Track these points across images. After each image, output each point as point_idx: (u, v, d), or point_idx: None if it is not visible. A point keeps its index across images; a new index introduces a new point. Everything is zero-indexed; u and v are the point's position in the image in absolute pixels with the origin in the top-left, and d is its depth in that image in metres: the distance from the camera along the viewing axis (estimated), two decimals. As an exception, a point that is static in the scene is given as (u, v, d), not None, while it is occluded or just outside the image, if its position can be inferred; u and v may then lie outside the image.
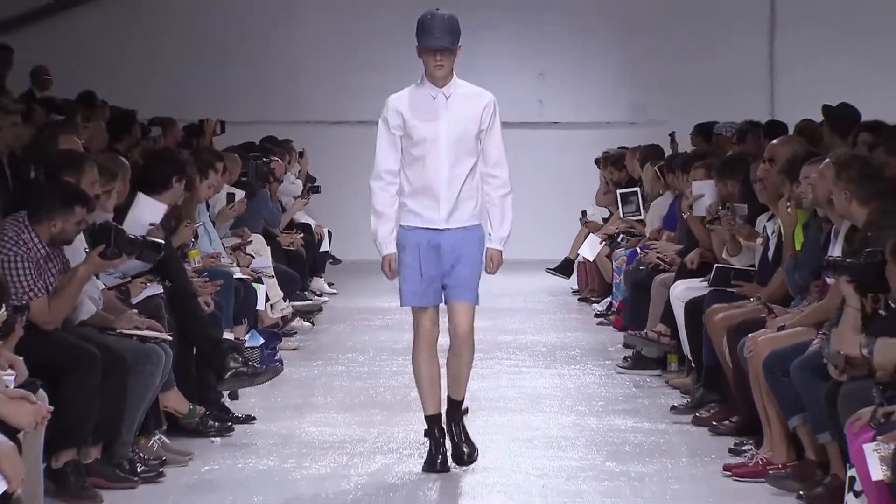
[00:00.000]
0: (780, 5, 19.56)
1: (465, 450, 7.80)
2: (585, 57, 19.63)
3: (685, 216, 10.88)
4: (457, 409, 7.95)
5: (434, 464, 7.70)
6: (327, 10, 19.36)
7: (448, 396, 7.93)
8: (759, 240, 9.47)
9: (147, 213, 9.23)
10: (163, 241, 8.55)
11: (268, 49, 19.55)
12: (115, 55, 18.53)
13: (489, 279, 7.96)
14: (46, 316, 7.27)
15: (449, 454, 7.77)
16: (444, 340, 8.03)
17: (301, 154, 16.86)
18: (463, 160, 7.67)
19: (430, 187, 7.67)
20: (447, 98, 7.67)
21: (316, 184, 16.64)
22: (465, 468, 7.79)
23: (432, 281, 7.72)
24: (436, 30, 7.57)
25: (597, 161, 16.56)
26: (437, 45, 7.55)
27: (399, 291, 7.79)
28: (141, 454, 7.83)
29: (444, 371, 7.93)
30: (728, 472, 7.79)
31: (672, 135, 15.81)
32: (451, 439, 7.83)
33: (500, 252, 7.82)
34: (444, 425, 7.87)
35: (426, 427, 7.81)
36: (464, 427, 7.88)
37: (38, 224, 7.40)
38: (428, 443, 7.78)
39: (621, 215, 14.64)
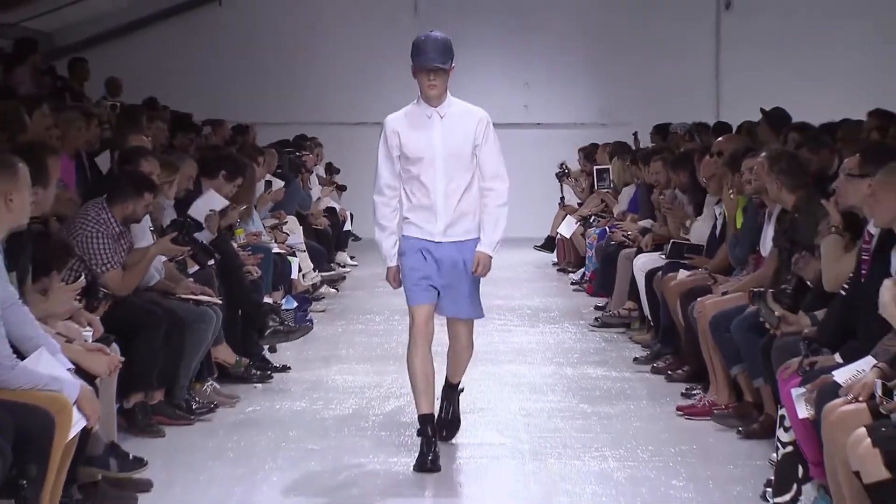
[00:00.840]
0: (724, 27, 19.51)
1: (447, 425, 7.11)
2: (563, 69, 19.55)
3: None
4: (453, 389, 7.18)
5: (424, 463, 6.57)
6: (347, 30, 19.29)
7: (446, 378, 7.13)
8: (689, 221, 9.55)
9: (212, 202, 9.37)
10: (214, 251, 8.66)
11: (298, 62, 19.46)
12: (174, 68, 18.47)
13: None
14: (120, 285, 7.32)
15: (439, 454, 6.67)
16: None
17: (337, 184, 16.72)
18: (458, 176, 6.64)
19: (427, 202, 6.63)
20: (441, 117, 6.61)
21: (342, 184, 16.66)
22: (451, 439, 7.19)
23: (431, 281, 6.64)
24: (429, 50, 6.51)
25: (558, 175, 16.34)
26: (431, 65, 6.49)
27: (405, 293, 6.70)
28: (196, 397, 7.93)
29: (439, 369, 7.05)
30: (680, 412, 7.87)
31: (635, 134, 15.77)
32: (440, 413, 7.05)
33: (490, 257, 6.69)
34: (438, 400, 7.04)
35: (419, 427, 6.69)
36: (455, 406, 7.20)
37: (115, 206, 7.45)
38: (420, 442, 6.67)
39: (595, 188, 14.62)
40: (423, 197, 6.64)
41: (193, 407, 7.78)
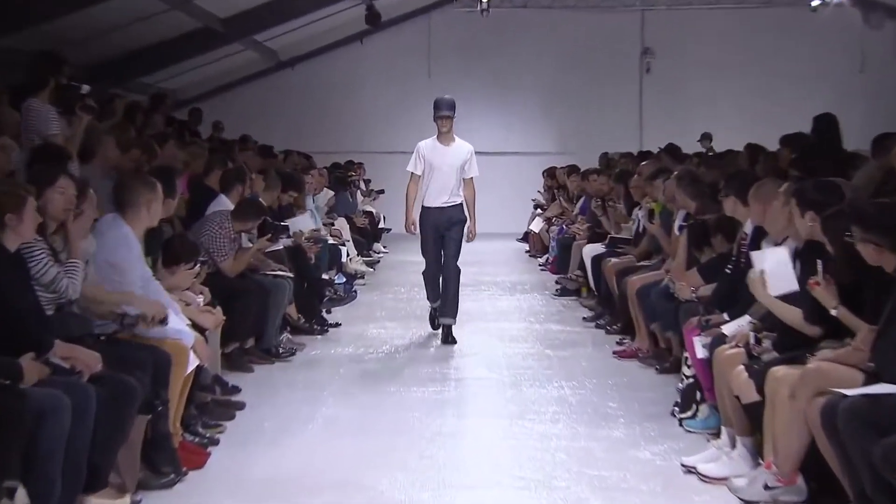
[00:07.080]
0: (645, 85, 19.45)
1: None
2: (533, 114, 19.41)
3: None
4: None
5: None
6: (380, 88, 19.21)
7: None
8: (630, 223, 9.46)
9: (301, 223, 9.63)
10: (288, 227, 8.65)
11: (345, 109, 19.26)
12: (260, 113, 18.26)
13: (481, 248, 7.90)
14: (231, 270, 7.29)
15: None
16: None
17: (375, 190, 16.79)
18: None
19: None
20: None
21: (380, 188, 16.67)
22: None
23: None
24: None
25: (534, 202, 16.24)
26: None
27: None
28: (275, 344, 7.73)
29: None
30: (615, 355, 7.80)
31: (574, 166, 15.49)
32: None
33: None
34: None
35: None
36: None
37: (236, 221, 7.42)
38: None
39: (556, 198, 14.56)
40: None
41: (280, 352, 7.66)
